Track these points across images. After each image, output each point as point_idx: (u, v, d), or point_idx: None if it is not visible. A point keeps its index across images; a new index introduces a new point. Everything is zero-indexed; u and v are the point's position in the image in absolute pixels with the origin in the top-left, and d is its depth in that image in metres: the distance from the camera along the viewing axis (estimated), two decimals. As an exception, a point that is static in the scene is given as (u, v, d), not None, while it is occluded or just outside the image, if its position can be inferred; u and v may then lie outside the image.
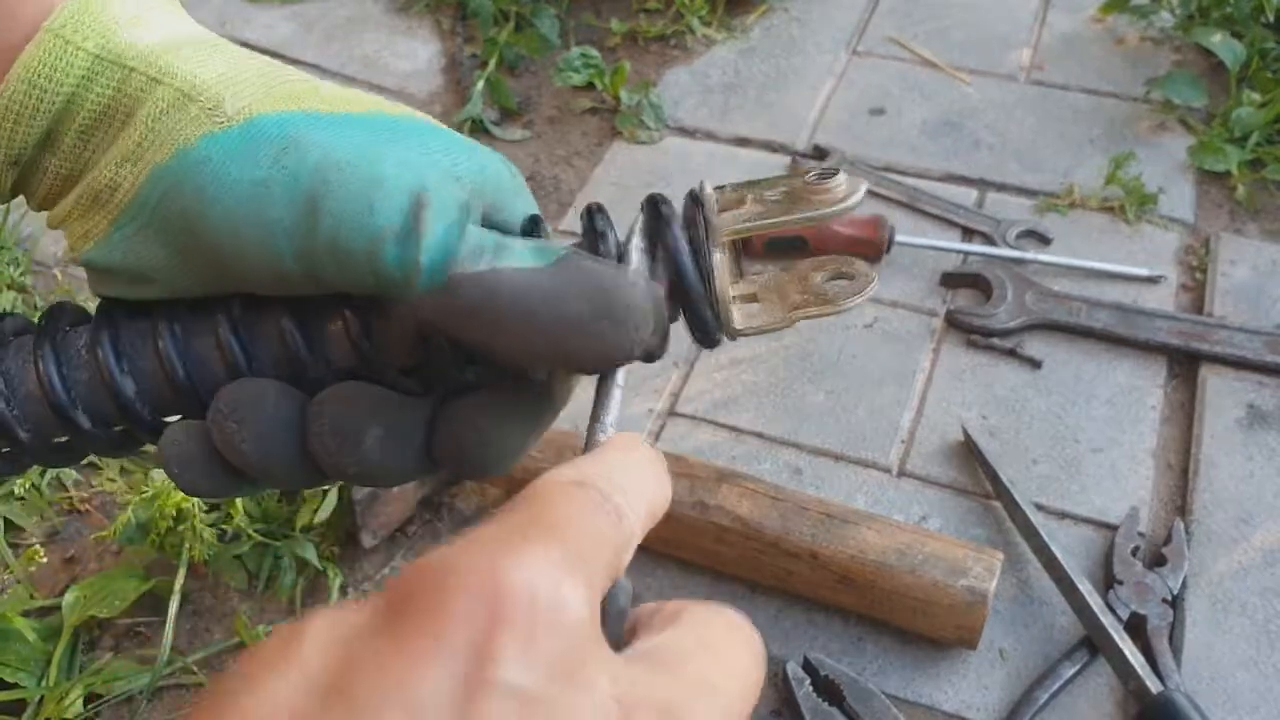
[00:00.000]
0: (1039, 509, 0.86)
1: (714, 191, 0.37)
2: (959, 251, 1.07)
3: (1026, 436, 0.92)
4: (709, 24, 1.39)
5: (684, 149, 1.22)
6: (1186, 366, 0.98)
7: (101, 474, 0.91)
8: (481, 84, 1.29)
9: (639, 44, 1.38)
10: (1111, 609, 0.78)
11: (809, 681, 0.75)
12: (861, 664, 0.79)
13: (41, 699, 0.77)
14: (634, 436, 0.32)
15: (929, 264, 1.07)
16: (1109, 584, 0.80)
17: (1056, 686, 0.76)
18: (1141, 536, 0.84)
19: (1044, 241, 1.09)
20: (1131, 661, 0.74)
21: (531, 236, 0.38)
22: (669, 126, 1.25)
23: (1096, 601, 0.77)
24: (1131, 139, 1.20)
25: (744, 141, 1.23)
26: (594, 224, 0.37)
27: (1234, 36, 1.25)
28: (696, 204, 0.37)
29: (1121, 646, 0.75)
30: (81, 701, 0.77)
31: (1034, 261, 1.05)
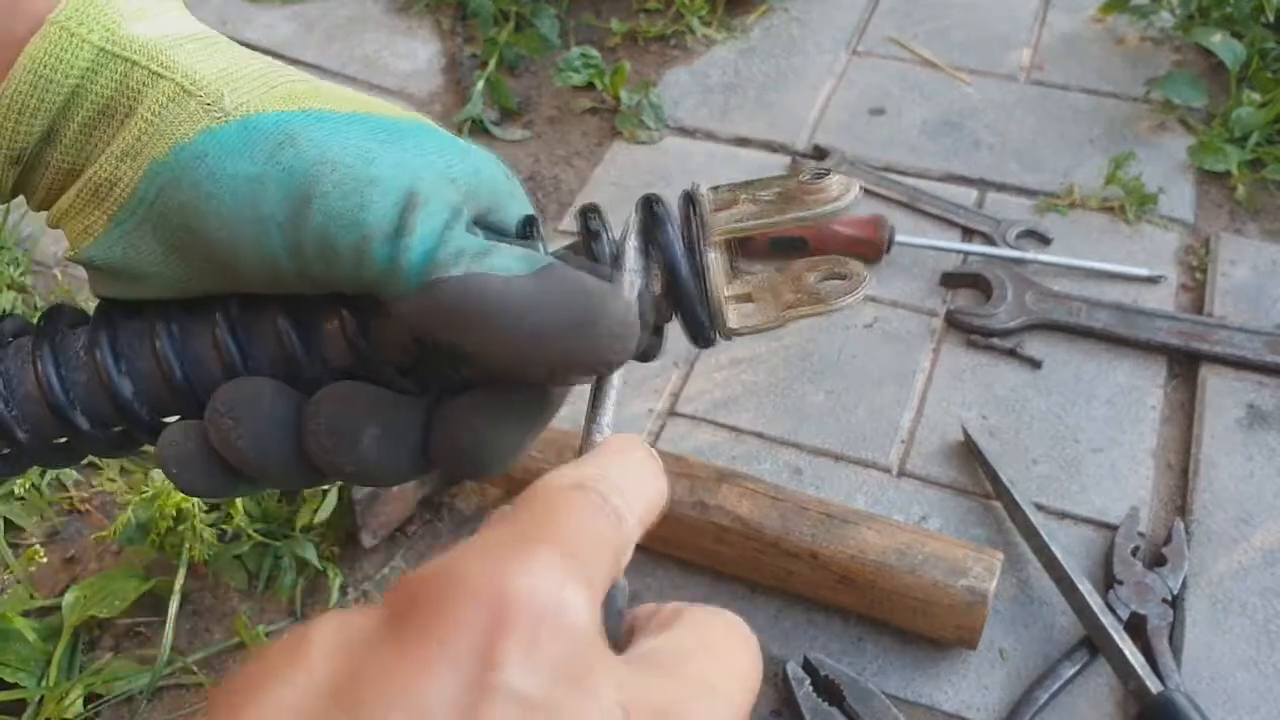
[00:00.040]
0: (1039, 509, 0.86)
1: (708, 192, 0.37)
2: (959, 251, 1.07)
3: (1026, 436, 0.92)
4: (709, 24, 1.39)
5: (684, 149, 1.22)
6: (1186, 366, 0.98)
7: (101, 474, 0.91)
8: (481, 84, 1.29)
9: (639, 44, 1.38)
10: (1111, 609, 0.78)
11: (809, 681, 0.75)
12: (861, 664, 0.79)
13: (41, 699, 0.77)
14: (631, 437, 0.32)
15: (929, 264, 1.07)
16: (1109, 584, 0.80)
17: (1056, 686, 0.76)
18: (1141, 536, 0.84)
19: (1044, 241, 1.09)
20: (1131, 661, 0.75)
21: (526, 238, 0.38)
22: (669, 126, 1.25)
23: (1096, 601, 0.77)
24: (1131, 139, 1.20)
25: (744, 141, 1.23)
26: (588, 224, 0.38)
27: (1234, 36, 1.25)
28: (690, 204, 0.37)
29: (1121, 646, 0.75)
30: (81, 701, 0.77)
31: (1034, 261, 1.05)
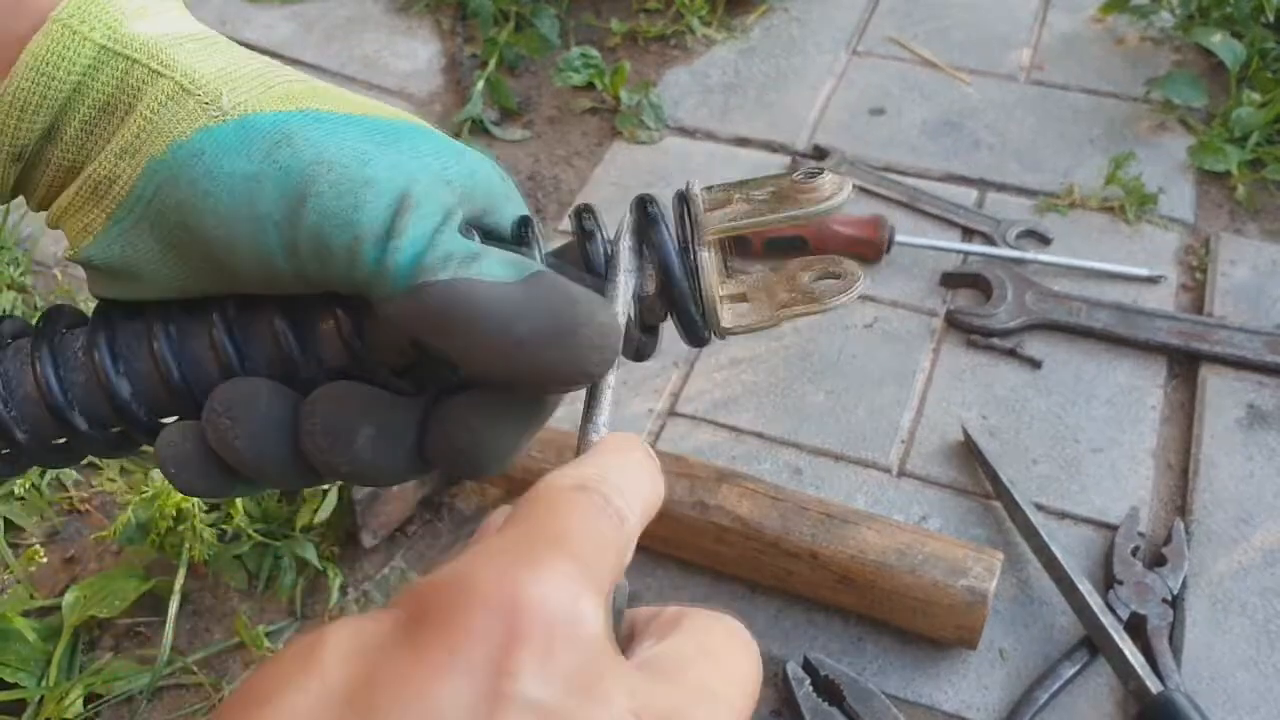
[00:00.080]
0: (1039, 509, 0.86)
1: (701, 191, 0.38)
2: (959, 251, 1.07)
3: (1026, 436, 0.92)
4: (709, 24, 1.39)
5: (684, 149, 1.22)
6: (1186, 366, 0.98)
7: (101, 474, 0.91)
8: (481, 84, 1.29)
9: (639, 44, 1.38)
10: (1111, 609, 0.78)
11: (809, 681, 0.75)
12: (861, 664, 0.79)
13: (41, 699, 0.77)
14: (628, 436, 0.32)
15: (929, 264, 1.07)
16: (1109, 584, 0.80)
17: (1056, 686, 0.76)
18: (1141, 536, 0.84)
19: (1044, 241, 1.09)
20: (1131, 661, 0.75)
21: (521, 239, 0.38)
22: (669, 126, 1.25)
23: (1096, 601, 0.77)
24: (1131, 139, 1.20)
25: (744, 141, 1.23)
26: (583, 225, 0.38)
27: (1234, 36, 1.25)
28: (684, 203, 0.38)
29: (1121, 646, 0.75)
30: (81, 701, 0.77)
31: (1034, 261, 1.05)
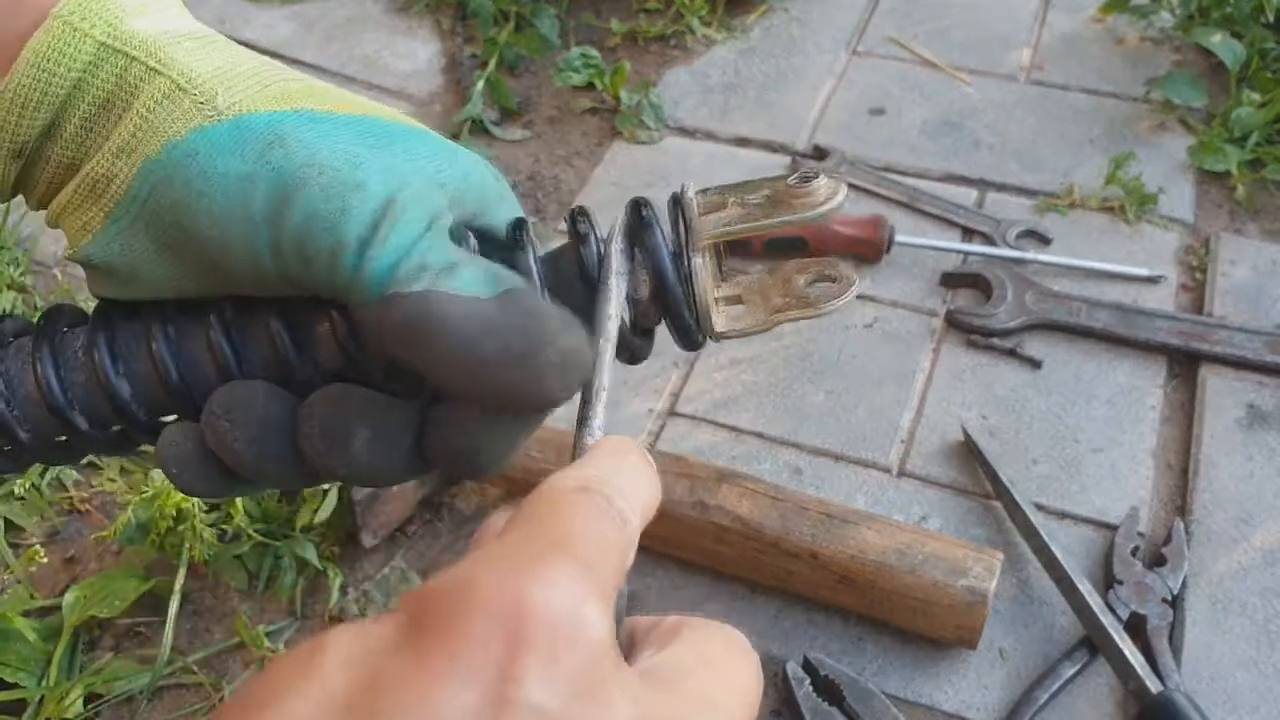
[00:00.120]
0: (1039, 509, 0.86)
1: (696, 195, 0.38)
2: (959, 251, 1.07)
3: (1026, 436, 0.92)
4: (709, 24, 1.39)
5: (684, 149, 1.22)
6: (1186, 366, 0.98)
7: (101, 474, 0.91)
8: (481, 84, 1.29)
9: (639, 44, 1.38)
10: (1111, 609, 0.78)
11: (809, 681, 0.75)
12: (861, 664, 0.79)
13: (42, 699, 0.77)
14: (625, 440, 0.32)
15: (929, 264, 1.07)
16: (1109, 584, 0.80)
17: (1056, 686, 0.76)
18: (1141, 536, 0.84)
19: (1044, 241, 1.09)
20: (1131, 661, 0.75)
21: (515, 241, 0.38)
22: (669, 126, 1.25)
23: (1096, 601, 0.77)
24: (1131, 139, 1.20)
25: (744, 141, 1.23)
26: (577, 228, 0.38)
27: (1234, 36, 1.25)
28: (678, 208, 0.38)
29: (1121, 646, 0.75)
30: (81, 701, 0.77)
31: (1034, 261, 1.05)
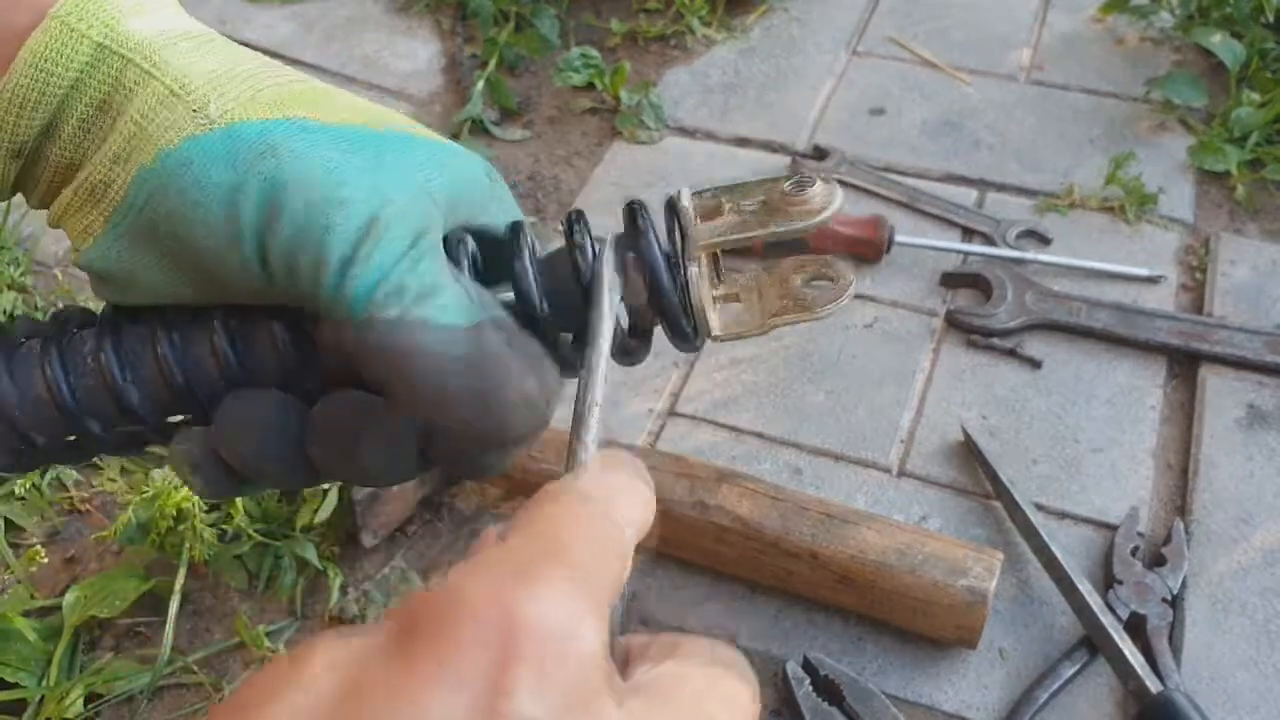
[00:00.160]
0: (1039, 509, 0.86)
1: (690, 201, 0.38)
2: (959, 251, 1.07)
3: (1026, 436, 0.92)
4: (709, 24, 1.39)
5: (684, 149, 1.22)
6: (1186, 366, 0.98)
7: (102, 474, 0.91)
8: (481, 84, 1.29)
9: (639, 44, 1.38)
10: (1111, 609, 0.78)
11: (809, 681, 0.75)
12: (861, 664, 0.79)
13: (42, 699, 0.77)
14: (620, 451, 0.32)
15: (929, 264, 1.07)
16: (1109, 584, 0.80)
17: (1056, 686, 0.76)
18: (1141, 536, 0.84)
19: (1044, 241, 1.09)
20: (1131, 661, 0.75)
21: (513, 243, 0.38)
22: (669, 126, 1.25)
23: (1096, 601, 0.77)
24: (1131, 139, 1.20)
25: (744, 141, 1.23)
26: (572, 234, 0.38)
27: (1234, 36, 1.25)
28: (674, 214, 0.38)
29: (1121, 646, 0.75)
30: (82, 701, 0.77)
31: (1034, 261, 1.05)
